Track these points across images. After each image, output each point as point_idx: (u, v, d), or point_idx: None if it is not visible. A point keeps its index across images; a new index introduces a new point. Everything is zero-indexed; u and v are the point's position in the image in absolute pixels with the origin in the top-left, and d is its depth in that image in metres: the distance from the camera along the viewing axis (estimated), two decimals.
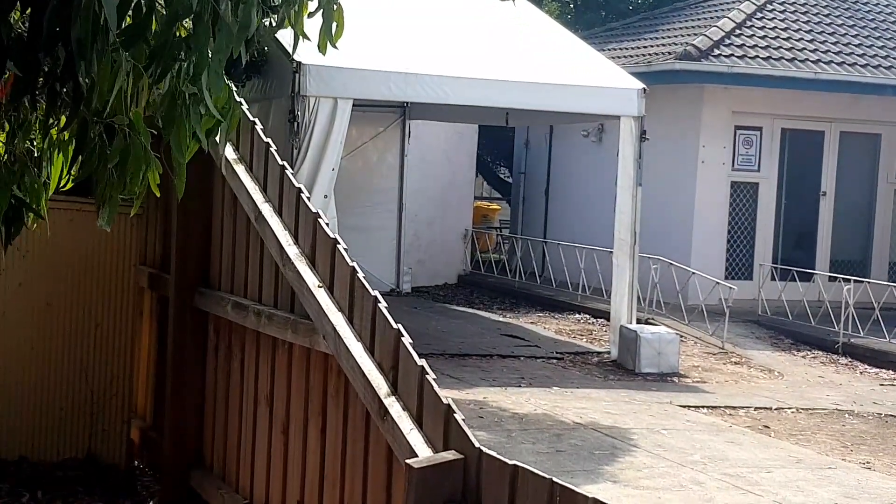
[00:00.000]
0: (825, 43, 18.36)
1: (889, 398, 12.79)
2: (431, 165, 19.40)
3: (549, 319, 16.64)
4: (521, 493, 3.77)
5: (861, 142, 18.85)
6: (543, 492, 3.68)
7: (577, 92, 13.38)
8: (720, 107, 17.95)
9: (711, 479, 8.61)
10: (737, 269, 18.17)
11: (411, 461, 4.03)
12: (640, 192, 13.61)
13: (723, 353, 14.80)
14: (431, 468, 4.00)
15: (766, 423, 11.00)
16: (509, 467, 3.83)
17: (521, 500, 3.77)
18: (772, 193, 18.36)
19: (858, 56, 18.25)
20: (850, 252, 18.93)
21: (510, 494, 3.80)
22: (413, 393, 4.35)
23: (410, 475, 4.00)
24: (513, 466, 3.82)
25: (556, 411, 10.68)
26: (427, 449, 4.16)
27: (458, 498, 4.02)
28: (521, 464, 3.87)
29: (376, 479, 4.65)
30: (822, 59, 17.91)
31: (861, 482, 8.86)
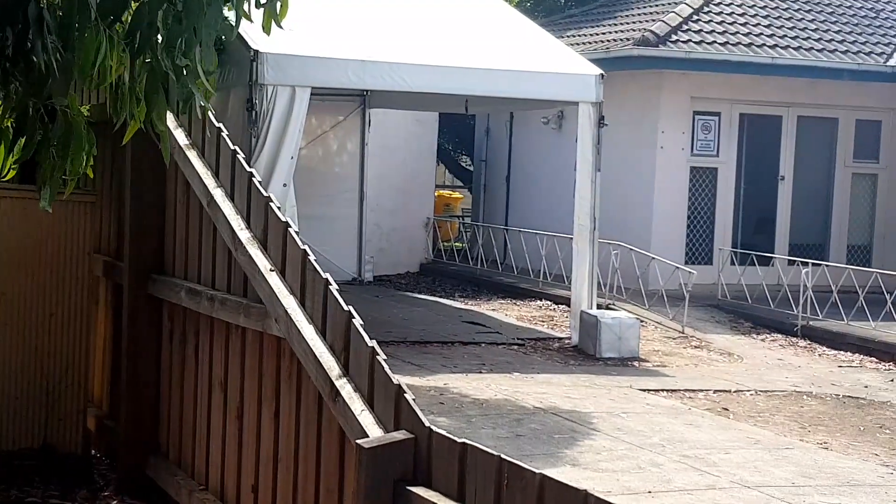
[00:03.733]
0: (782, 28, 18.46)
1: (847, 380, 12.89)
2: (392, 154, 19.39)
3: (511, 306, 16.68)
4: (470, 470, 3.79)
5: (818, 126, 18.98)
6: (492, 469, 3.69)
7: (535, 78, 13.40)
8: (679, 92, 18.02)
9: (670, 461, 8.65)
10: (696, 253, 18.26)
11: (362, 441, 4.05)
12: (600, 178, 13.65)
13: (683, 337, 14.88)
14: (382, 448, 4.02)
15: (725, 406, 11.07)
16: (458, 445, 3.85)
17: (470, 477, 3.79)
18: (731, 178, 18.45)
19: (815, 41, 18.36)
20: (809, 236, 19.06)
21: (460, 472, 3.82)
22: (364, 374, 4.36)
23: (361, 455, 4.02)
24: (462, 445, 3.84)
25: (516, 396, 10.70)
26: (378, 429, 4.18)
27: (409, 477, 4.04)
28: (470, 442, 3.88)
29: (329, 460, 4.66)
30: (779, 45, 18.01)
31: (818, 462, 8.92)
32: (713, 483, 8.10)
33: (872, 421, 10.77)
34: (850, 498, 7.90)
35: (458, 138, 25.54)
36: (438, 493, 3.93)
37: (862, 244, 19.29)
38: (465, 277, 19.08)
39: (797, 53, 17.94)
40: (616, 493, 7.71)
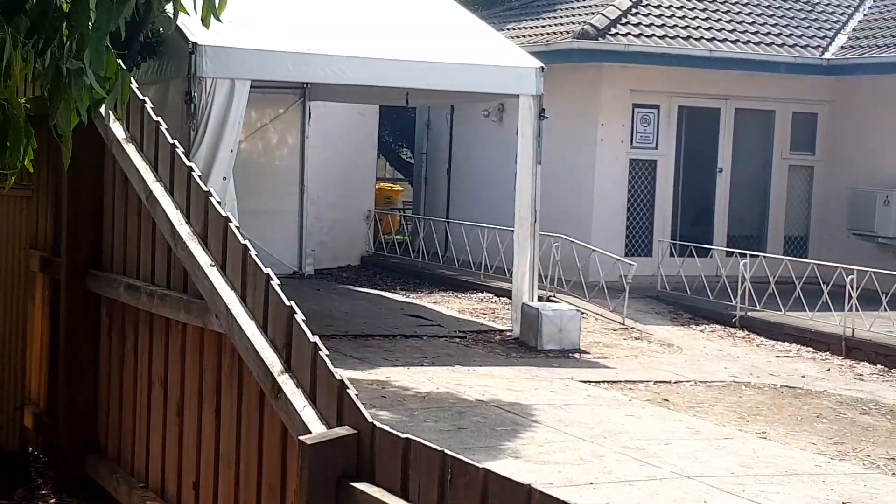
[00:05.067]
0: (720, 21, 18.58)
1: (784, 369, 13.03)
2: (333, 147, 19.34)
3: (452, 299, 16.69)
4: (414, 465, 3.78)
5: (756, 118, 19.14)
6: (436, 464, 3.69)
7: (476, 71, 13.41)
8: (618, 85, 18.10)
9: (611, 452, 8.70)
10: (637, 245, 18.36)
11: (304, 438, 4.02)
12: (540, 171, 13.69)
13: (623, 328, 14.96)
14: (324, 444, 4.00)
15: (665, 397, 11.15)
16: (402, 441, 3.84)
17: (414, 472, 3.78)
18: (670, 170, 18.57)
19: (752, 34, 18.50)
20: (747, 227, 19.23)
21: (403, 467, 3.81)
22: (306, 370, 4.33)
23: (303, 452, 3.99)
24: (405, 440, 3.83)
25: (458, 389, 10.72)
26: (321, 425, 4.16)
27: (353, 473, 4.02)
28: (413, 437, 3.88)
29: (271, 457, 4.63)
30: (716, 37, 18.13)
31: (757, 451, 9.01)
32: (654, 474, 8.16)
33: (810, 410, 10.89)
34: (789, 487, 7.98)
35: (399, 131, 25.50)
36: (382, 489, 3.91)
37: (799, 235, 19.49)
38: (406, 270, 19.07)
39: (734, 46, 18.07)
40: (558, 485, 7.74)
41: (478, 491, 3.49)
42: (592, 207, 18.07)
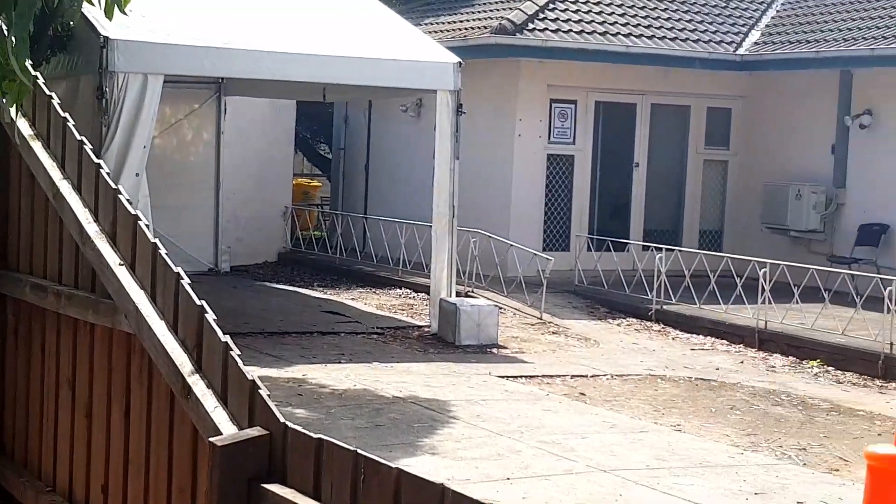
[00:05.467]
0: (636, 17, 18.69)
1: (699, 362, 13.15)
2: (249, 142, 19.19)
3: (371, 295, 16.65)
4: (326, 466, 3.74)
5: (671, 113, 19.31)
6: (348, 464, 3.65)
7: (393, 66, 13.37)
8: (536, 80, 18.16)
9: (528, 447, 8.72)
10: (554, 240, 18.44)
11: (215, 439, 3.96)
12: (458, 166, 13.69)
13: (541, 323, 15.01)
14: (235, 445, 3.94)
15: (582, 391, 11.19)
16: (314, 441, 3.80)
17: (326, 473, 3.75)
18: (587, 165, 18.67)
19: (668, 30, 18.65)
20: (663, 221, 19.39)
21: (315, 468, 3.77)
22: (217, 370, 4.27)
23: (214, 453, 3.94)
24: (317, 440, 3.79)
25: (375, 386, 10.68)
26: (232, 426, 4.10)
27: (265, 474, 3.97)
28: (325, 437, 3.84)
29: (182, 459, 4.56)
30: (632, 33, 18.25)
31: (672, 444, 9.08)
32: (570, 468, 8.19)
33: (724, 402, 11.00)
34: (702, 479, 8.04)
35: (317, 126, 25.38)
36: (294, 490, 3.87)
37: (714, 229, 19.70)
38: (324, 266, 18.98)
39: (650, 42, 18.21)
40: (475, 481, 7.74)
41: (390, 491, 3.46)
42: (510, 202, 18.11)
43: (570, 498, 7.45)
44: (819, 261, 16.86)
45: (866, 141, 17.73)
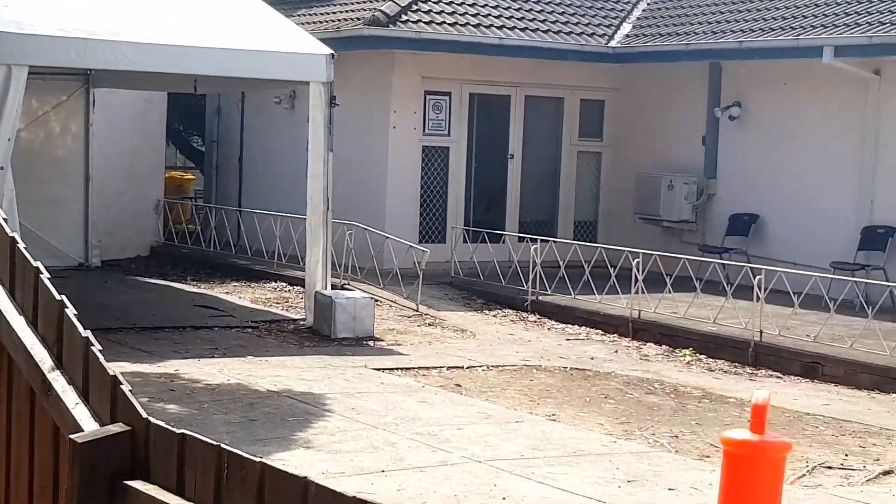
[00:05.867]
0: (509, 9, 18.77)
1: (574, 352, 13.26)
2: (119, 135, 18.86)
3: (245, 289, 16.49)
4: (189, 461, 3.68)
5: (545, 105, 19.45)
6: (212, 459, 3.58)
7: (264, 58, 13.24)
8: (410, 72, 18.15)
9: (403, 439, 8.70)
10: (430, 232, 18.46)
11: (75, 436, 3.87)
12: (332, 158, 13.61)
13: (417, 315, 15.01)
14: (97, 442, 3.85)
15: (458, 382, 11.21)
16: (177, 437, 3.73)
17: (189, 468, 3.68)
18: (462, 157, 18.72)
19: (541, 22, 18.76)
20: (538, 213, 19.53)
21: (179, 464, 3.71)
22: (78, 366, 4.16)
23: (75, 451, 3.84)
24: (180, 435, 3.72)
25: (249, 380, 10.57)
26: (93, 423, 4.00)
27: (127, 471, 3.89)
28: (189, 432, 3.78)
29: (43, 457, 4.44)
30: (506, 25, 18.32)
31: (546, 434, 9.13)
32: (445, 459, 8.18)
33: (598, 391, 11.10)
34: (577, 467, 8.10)
35: (190, 119, 25.04)
36: (157, 487, 3.80)
37: (588, 220, 19.90)
38: (198, 260, 18.76)
39: (524, 34, 18.30)
40: (350, 474, 7.70)
41: (254, 485, 3.41)
42: (386, 195, 18.08)
43: (445, 489, 7.45)
44: (691, 250, 17.14)
45: (736, 132, 18.06)
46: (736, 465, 3.96)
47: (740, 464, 3.95)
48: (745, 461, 3.94)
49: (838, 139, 16.71)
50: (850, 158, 16.52)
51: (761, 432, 3.95)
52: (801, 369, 12.74)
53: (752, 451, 3.95)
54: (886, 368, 12.09)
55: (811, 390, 11.96)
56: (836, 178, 16.71)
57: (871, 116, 16.25)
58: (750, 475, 3.92)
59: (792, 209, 17.23)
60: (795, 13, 17.18)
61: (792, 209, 17.23)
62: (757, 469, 3.92)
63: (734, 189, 18.04)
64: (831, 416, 10.50)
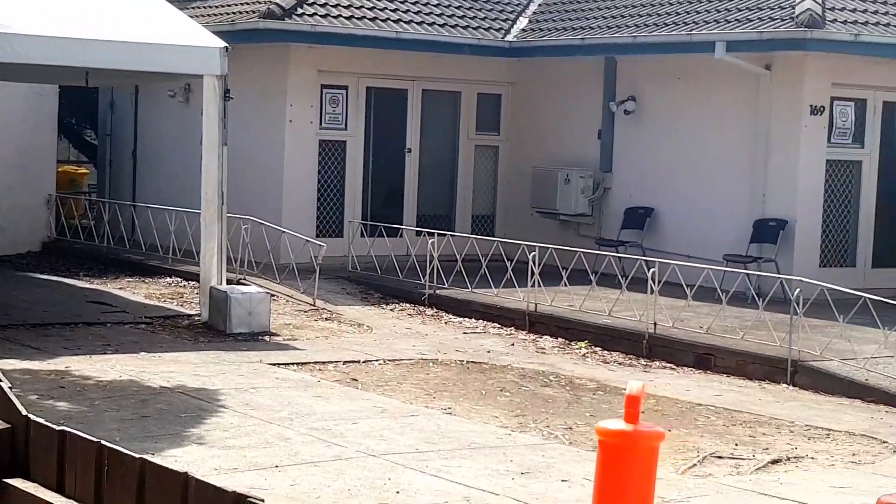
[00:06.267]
0: (405, 3, 18.74)
1: (471, 345, 13.29)
2: (8, 128, 18.52)
3: (139, 284, 16.29)
4: (69, 457, 3.63)
5: (442, 99, 19.47)
6: (91, 456, 3.54)
7: (157, 51, 13.07)
8: (306, 66, 18.05)
9: (298, 434, 8.65)
10: (328, 226, 18.38)
11: None
12: (227, 152, 13.49)
13: (314, 309, 14.94)
14: None
15: (354, 376, 11.18)
16: (57, 433, 3.68)
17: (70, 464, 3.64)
18: (359, 151, 18.67)
19: (437, 16, 18.77)
20: (437, 207, 19.55)
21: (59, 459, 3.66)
22: None
23: None
24: (60, 432, 3.67)
25: (142, 377, 10.44)
26: None
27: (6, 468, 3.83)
28: (69, 429, 3.72)
29: None
30: (402, 19, 18.29)
31: (441, 427, 9.13)
32: (340, 454, 8.15)
33: (494, 384, 11.14)
34: (471, 460, 8.12)
35: (82, 111, 24.65)
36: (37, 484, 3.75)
37: (486, 214, 19.96)
38: (91, 256, 18.48)
39: (420, 28, 18.29)
40: (243, 469, 7.64)
41: (134, 481, 3.37)
42: (283, 189, 17.98)
43: (338, 483, 7.41)
44: (588, 244, 17.28)
45: (631, 126, 18.24)
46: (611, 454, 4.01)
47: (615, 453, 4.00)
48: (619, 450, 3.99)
49: (731, 133, 16.96)
50: (742, 152, 16.77)
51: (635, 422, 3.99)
52: (694, 360, 12.91)
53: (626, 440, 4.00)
54: (777, 359, 12.29)
55: (704, 381, 12.13)
56: (729, 172, 16.95)
57: (762, 110, 16.51)
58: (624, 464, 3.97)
59: (686, 203, 17.44)
60: (689, 8, 17.39)
61: (686, 203, 17.44)
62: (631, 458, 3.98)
63: (630, 183, 18.22)
64: (723, 407, 10.65)
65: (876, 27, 16.13)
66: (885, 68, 16.48)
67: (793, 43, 15.63)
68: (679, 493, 7.54)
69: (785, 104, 16.29)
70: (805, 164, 16.25)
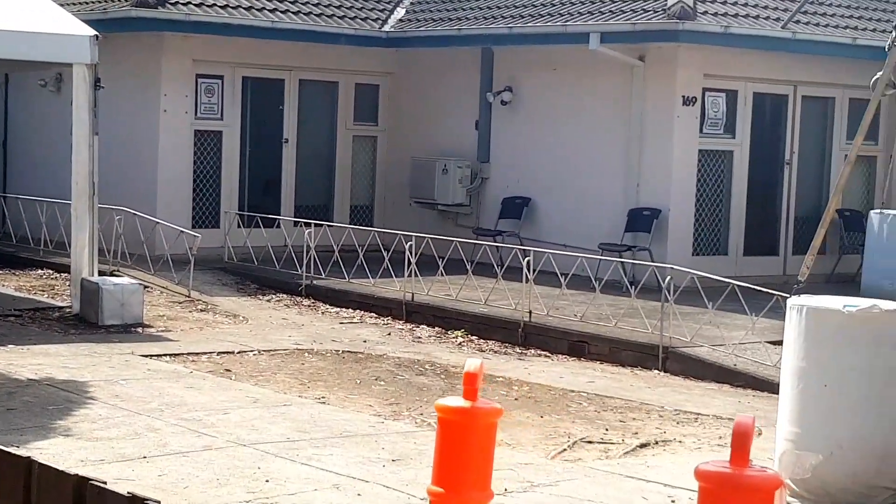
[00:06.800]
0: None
1: (348, 335, 13.27)
2: None
3: (9, 276, 15.97)
4: None
5: (320, 90, 19.39)
6: None
7: (25, 39, 12.81)
8: (181, 55, 17.84)
9: (168, 425, 8.55)
10: (204, 217, 18.21)
11: None
12: (98, 142, 13.26)
13: (189, 301, 14.79)
14: None
15: (228, 367, 11.09)
16: None
17: None
18: (236, 142, 18.52)
19: (314, 5, 18.69)
20: (314, 197, 19.48)
21: None
22: None
23: None
24: None
25: (10, 369, 10.24)
26: None
27: None
28: None
29: None
30: (279, 9, 18.18)
31: (314, 416, 9.10)
32: (210, 444, 8.08)
33: (369, 374, 11.14)
34: (343, 448, 8.10)
35: None
36: None
37: (364, 204, 19.93)
38: None
39: (297, 18, 18.19)
40: (110, 461, 7.54)
41: None
42: (157, 179, 17.76)
43: (207, 473, 7.35)
44: (466, 234, 17.38)
45: (508, 117, 18.35)
46: (450, 430, 4.05)
47: (454, 429, 4.04)
48: (458, 427, 4.03)
49: (606, 123, 17.16)
50: (617, 142, 16.98)
51: (474, 399, 4.04)
52: (569, 348, 13.05)
53: (465, 416, 4.04)
54: (648, 346, 12.47)
55: (577, 368, 12.26)
56: (604, 162, 17.15)
57: (636, 101, 16.73)
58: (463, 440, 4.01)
59: (562, 192, 17.61)
60: (564, 0, 17.55)
61: (562, 192, 17.61)
62: (470, 434, 4.02)
63: (507, 173, 18.33)
64: (595, 393, 10.77)
65: (746, 19, 16.46)
66: (755, 60, 16.81)
67: (665, 34, 15.87)
68: (548, 478, 7.62)
69: (658, 95, 16.53)
70: (678, 155, 16.51)
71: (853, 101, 17.49)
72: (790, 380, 7.27)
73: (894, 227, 14.55)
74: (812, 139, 17.91)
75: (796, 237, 17.59)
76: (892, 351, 7.12)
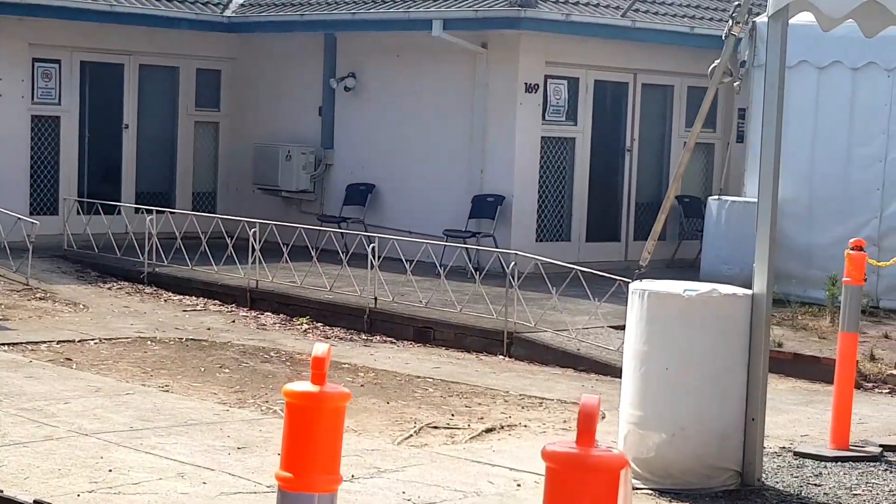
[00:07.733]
0: None
1: (191, 323, 13.12)
2: None
3: None
4: None
5: (161, 75, 19.08)
6: None
7: None
8: (16, 38, 17.37)
9: (6, 416, 8.34)
10: (42, 204, 17.80)
11: None
12: None
13: (27, 289, 14.44)
14: None
15: (68, 356, 10.87)
16: None
17: None
18: (74, 127, 18.14)
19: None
20: (156, 183, 19.19)
21: None
22: None
23: None
24: None
25: None
26: None
27: None
28: None
29: None
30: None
31: (158, 405, 8.98)
32: (51, 434, 7.91)
33: (213, 361, 11.02)
34: (187, 437, 8.01)
35: None
36: None
37: (207, 191, 19.70)
38: None
39: (136, 1, 17.86)
40: None
41: None
42: None
43: (48, 463, 7.19)
44: (310, 220, 17.30)
45: (351, 103, 18.31)
46: (297, 415, 4.05)
47: (302, 414, 4.04)
48: (306, 411, 4.04)
49: (450, 110, 17.24)
50: (461, 129, 17.08)
51: (321, 383, 4.05)
52: (415, 334, 13.10)
53: (312, 401, 4.04)
54: (493, 331, 12.59)
55: (423, 354, 12.32)
56: (449, 149, 17.24)
57: (479, 88, 16.85)
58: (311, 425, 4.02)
59: (407, 179, 17.65)
60: None
61: (407, 179, 17.65)
62: (318, 418, 4.03)
63: (351, 159, 18.30)
64: (441, 379, 10.84)
65: (587, 7, 16.70)
66: (596, 48, 17.08)
67: (507, 22, 16.01)
68: (395, 464, 7.64)
69: (501, 82, 16.67)
70: (521, 141, 16.68)
71: (692, 89, 17.90)
72: (632, 363, 7.42)
73: (732, 213, 14.97)
74: (652, 126, 18.27)
75: (637, 223, 17.93)
76: (731, 334, 7.30)
